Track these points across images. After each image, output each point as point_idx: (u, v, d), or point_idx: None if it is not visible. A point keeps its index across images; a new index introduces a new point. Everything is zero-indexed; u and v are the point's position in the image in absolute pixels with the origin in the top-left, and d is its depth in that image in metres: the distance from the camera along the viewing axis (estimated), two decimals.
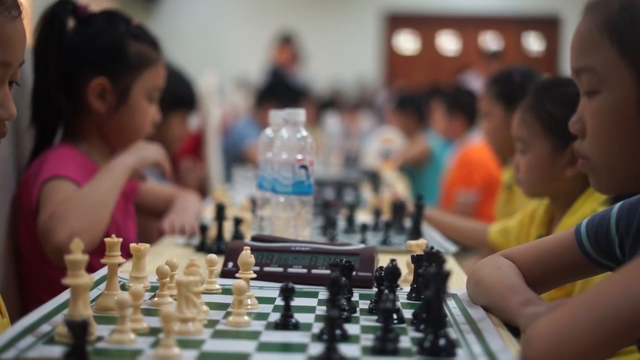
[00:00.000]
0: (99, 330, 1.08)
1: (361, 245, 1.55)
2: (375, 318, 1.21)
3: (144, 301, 1.19)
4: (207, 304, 1.23)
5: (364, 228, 1.98)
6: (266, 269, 1.49)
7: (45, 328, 1.09)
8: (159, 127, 2.45)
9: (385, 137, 5.09)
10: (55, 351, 1.00)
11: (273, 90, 5.20)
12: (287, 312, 1.15)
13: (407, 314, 1.22)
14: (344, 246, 1.54)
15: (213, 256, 1.40)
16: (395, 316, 1.17)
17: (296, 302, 1.19)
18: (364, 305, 1.29)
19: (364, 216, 2.35)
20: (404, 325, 1.17)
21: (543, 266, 1.30)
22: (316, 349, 1.02)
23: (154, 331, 1.10)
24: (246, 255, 1.29)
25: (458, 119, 4.63)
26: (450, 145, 4.86)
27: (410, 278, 1.43)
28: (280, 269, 1.49)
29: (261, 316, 1.21)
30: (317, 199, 2.28)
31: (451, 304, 1.30)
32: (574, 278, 1.44)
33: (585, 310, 0.95)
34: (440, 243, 1.96)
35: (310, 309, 1.26)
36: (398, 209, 2.20)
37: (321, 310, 1.25)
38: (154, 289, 1.33)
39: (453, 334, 1.11)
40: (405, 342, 1.08)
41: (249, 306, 1.25)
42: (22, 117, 1.87)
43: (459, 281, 1.50)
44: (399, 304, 1.24)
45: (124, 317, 1.05)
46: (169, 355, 0.97)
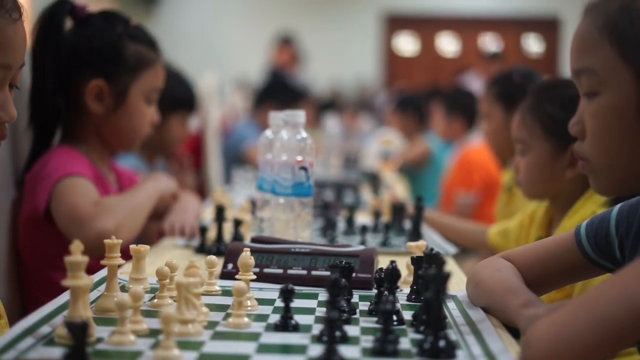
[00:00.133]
0: (98, 331, 1.08)
1: (361, 247, 1.55)
2: (375, 319, 1.21)
3: (143, 302, 1.19)
4: (207, 305, 1.23)
5: (363, 229, 1.98)
6: (266, 270, 1.49)
7: (45, 329, 1.09)
8: (159, 129, 2.45)
9: (385, 139, 5.09)
10: (55, 352, 1.00)
11: (272, 91, 5.20)
12: (287, 314, 1.15)
13: (407, 316, 1.22)
14: (343, 248, 1.54)
15: (213, 257, 1.40)
16: (395, 318, 1.17)
17: (296, 304, 1.19)
18: (363, 306, 1.29)
19: (363, 218, 2.35)
20: (403, 327, 1.17)
21: (543, 268, 1.30)
22: (316, 350, 1.02)
23: (153, 332, 1.10)
24: (246, 256, 1.29)
25: (457, 121, 4.63)
26: (450, 147, 4.86)
27: (410, 279, 1.43)
28: (280, 271, 1.49)
29: (261, 317, 1.21)
30: (317, 201, 2.28)
31: (451, 305, 1.30)
32: (574, 279, 1.44)
33: (585, 311, 0.95)
34: (440, 244, 1.96)
35: (310, 311, 1.26)
36: (398, 210, 2.20)
37: (321, 311, 1.25)
38: (153, 291, 1.33)
39: (453, 335, 1.11)
40: (405, 344, 1.08)
41: (249, 307, 1.25)
42: (20, 119, 1.86)
43: (458, 283, 1.50)
44: (398, 306, 1.24)
45: (124, 319, 1.05)
46: (169, 356, 0.97)
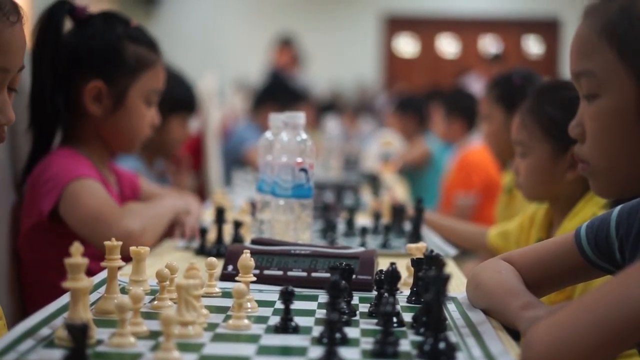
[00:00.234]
0: (98, 333, 1.08)
1: (361, 249, 1.55)
2: (375, 321, 1.21)
3: (143, 304, 1.19)
4: (207, 307, 1.23)
5: (363, 231, 1.98)
6: (266, 272, 1.49)
7: (45, 331, 1.09)
8: (160, 130, 2.45)
9: (385, 140, 5.09)
10: (55, 354, 1.00)
11: (272, 92, 5.20)
12: (287, 316, 1.15)
13: (407, 317, 1.22)
14: (343, 249, 1.54)
15: (213, 259, 1.40)
16: (395, 319, 1.17)
17: (296, 306, 1.19)
18: (363, 308, 1.29)
19: (363, 219, 2.35)
20: (403, 329, 1.17)
21: (543, 269, 1.30)
22: (316, 352, 1.03)
23: (153, 334, 1.10)
24: (246, 258, 1.29)
25: (457, 122, 4.63)
26: (450, 148, 4.86)
27: (410, 281, 1.43)
28: (280, 272, 1.49)
29: (261, 319, 1.21)
30: (317, 202, 2.28)
31: (451, 307, 1.30)
32: (574, 281, 1.43)
33: (586, 313, 0.95)
34: (440, 246, 1.96)
35: (310, 312, 1.26)
36: (398, 212, 2.20)
37: (321, 313, 1.25)
38: (153, 293, 1.32)
39: (453, 337, 1.11)
40: (405, 346, 1.08)
41: (249, 309, 1.25)
42: (18, 121, 1.86)
43: (458, 284, 1.50)
44: (398, 307, 1.24)
45: (124, 321, 1.05)
46: (169, 358, 0.97)
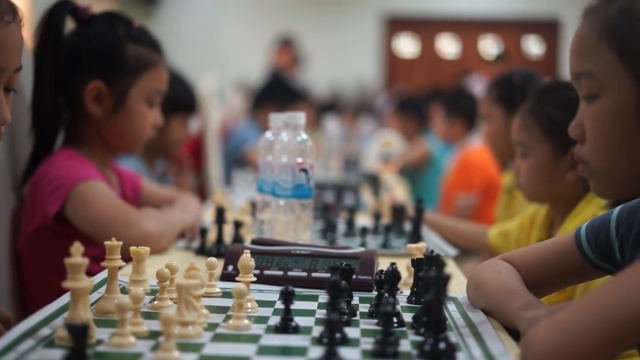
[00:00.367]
0: (99, 333, 1.08)
1: (361, 249, 1.55)
2: (375, 321, 1.21)
3: (144, 304, 1.19)
4: (207, 307, 1.23)
5: (364, 231, 1.98)
6: (266, 272, 1.49)
7: (45, 331, 1.09)
8: (160, 131, 2.45)
9: (385, 140, 5.09)
10: (56, 354, 1.00)
11: (272, 92, 5.20)
12: (287, 316, 1.15)
13: (407, 318, 1.22)
14: (344, 249, 1.54)
15: (213, 259, 1.40)
16: (395, 320, 1.17)
17: (296, 306, 1.19)
18: (364, 308, 1.29)
19: (363, 219, 2.35)
20: (404, 329, 1.17)
21: (543, 269, 1.30)
22: (316, 352, 1.03)
23: (154, 334, 1.10)
24: (246, 258, 1.29)
25: (458, 123, 4.63)
26: (450, 149, 4.86)
27: (410, 281, 1.43)
28: (280, 272, 1.49)
29: (261, 319, 1.21)
30: (317, 202, 2.28)
31: (451, 307, 1.30)
32: (574, 282, 1.44)
33: (586, 313, 0.95)
34: (440, 246, 1.96)
35: (310, 313, 1.26)
36: (398, 212, 2.20)
37: (321, 313, 1.25)
38: (154, 292, 1.32)
39: (453, 337, 1.11)
40: (405, 346, 1.08)
41: (249, 309, 1.25)
42: (18, 122, 1.86)
43: (459, 284, 1.50)
44: (399, 308, 1.24)
45: (124, 321, 1.05)
46: (169, 358, 0.97)
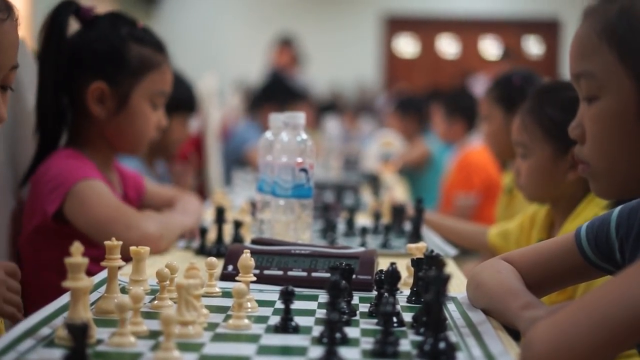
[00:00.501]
0: (99, 333, 1.08)
1: (361, 249, 1.55)
2: (375, 321, 1.21)
3: (144, 304, 1.19)
4: (207, 307, 1.23)
5: (363, 231, 1.98)
6: (266, 272, 1.49)
7: (45, 331, 1.09)
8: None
9: (385, 140, 5.09)
10: (55, 354, 1.00)
11: (272, 91, 5.20)
12: (287, 315, 1.15)
13: (407, 317, 1.22)
14: (343, 249, 1.54)
15: (213, 259, 1.40)
16: (395, 319, 1.17)
17: (296, 305, 1.19)
18: (363, 308, 1.29)
19: (363, 219, 2.35)
20: (404, 329, 1.17)
21: (543, 269, 1.30)
22: (316, 352, 1.03)
23: (154, 334, 1.10)
24: (246, 258, 1.29)
25: (458, 123, 4.63)
26: (450, 149, 4.86)
27: (410, 281, 1.43)
28: (280, 272, 1.49)
29: (261, 319, 1.21)
30: (317, 202, 2.28)
31: (451, 307, 1.30)
32: (574, 282, 1.44)
33: (586, 313, 0.95)
34: (440, 246, 1.96)
35: (310, 312, 1.26)
36: (398, 212, 2.20)
37: (321, 313, 1.25)
38: (154, 292, 1.32)
39: (453, 337, 1.11)
40: (405, 346, 1.08)
41: (249, 309, 1.25)
42: (22, 123, 1.86)
43: (459, 284, 1.50)
44: (399, 307, 1.24)
45: (124, 320, 1.05)
46: (169, 358, 0.97)
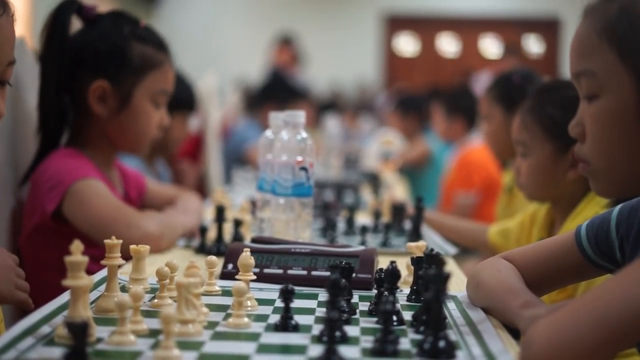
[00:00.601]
0: (98, 331, 1.08)
1: (361, 247, 1.55)
2: (375, 320, 1.21)
3: (143, 303, 1.19)
4: (207, 305, 1.23)
5: (363, 230, 1.98)
6: (266, 270, 1.49)
7: (45, 329, 1.09)
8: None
9: (385, 139, 5.09)
10: (55, 352, 1.00)
11: (272, 90, 5.20)
12: (287, 314, 1.15)
13: (407, 316, 1.22)
14: (343, 248, 1.54)
15: (213, 258, 1.40)
16: (395, 318, 1.17)
17: (296, 304, 1.19)
18: (363, 307, 1.29)
19: (363, 218, 2.35)
20: (403, 327, 1.17)
21: (543, 268, 1.30)
22: (316, 350, 1.02)
23: (153, 333, 1.10)
24: (246, 257, 1.29)
25: (458, 121, 4.63)
26: (450, 147, 4.86)
27: (410, 280, 1.43)
28: (280, 271, 1.49)
29: (261, 318, 1.21)
30: (317, 201, 2.28)
31: (451, 305, 1.30)
32: (574, 280, 1.44)
33: (586, 312, 0.95)
34: (440, 245, 1.96)
35: (310, 311, 1.26)
36: (398, 210, 2.20)
37: (321, 312, 1.25)
38: (153, 291, 1.33)
39: (453, 335, 1.11)
40: (405, 344, 1.08)
41: (249, 308, 1.25)
42: (23, 122, 1.86)
43: (458, 283, 1.50)
44: (398, 306, 1.24)
45: (124, 319, 1.05)
46: (169, 356, 0.97)
